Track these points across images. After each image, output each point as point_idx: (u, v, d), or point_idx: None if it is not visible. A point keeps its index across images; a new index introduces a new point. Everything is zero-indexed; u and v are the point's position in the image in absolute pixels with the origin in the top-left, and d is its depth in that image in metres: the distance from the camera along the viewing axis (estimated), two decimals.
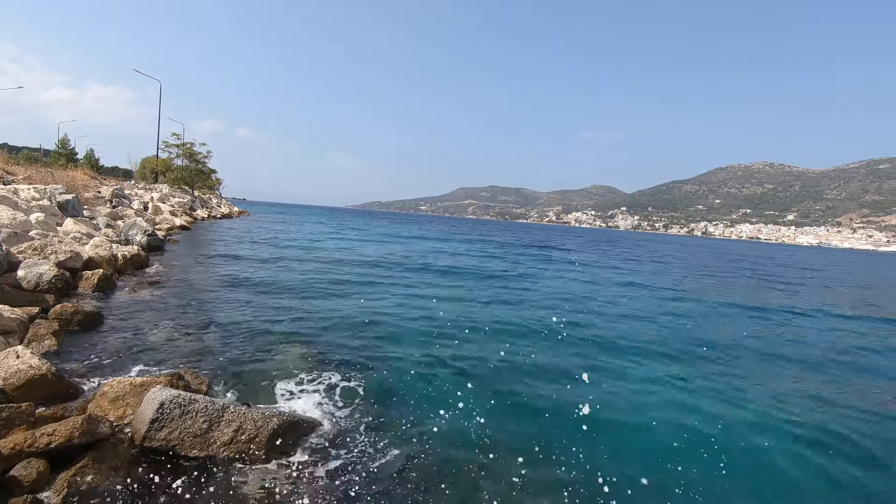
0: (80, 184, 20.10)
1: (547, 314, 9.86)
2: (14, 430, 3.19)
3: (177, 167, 45.71)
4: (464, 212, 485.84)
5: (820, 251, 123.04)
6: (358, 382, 5.24)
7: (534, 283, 14.93)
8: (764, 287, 19.11)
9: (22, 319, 5.35)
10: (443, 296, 11.26)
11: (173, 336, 6.24)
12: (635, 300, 12.93)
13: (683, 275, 21.86)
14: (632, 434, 4.65)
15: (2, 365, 3.87)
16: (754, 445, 4.60)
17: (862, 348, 9.05)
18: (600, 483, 3.58)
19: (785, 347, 8.62)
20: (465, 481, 3.60)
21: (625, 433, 4.65)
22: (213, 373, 5.09)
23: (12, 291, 6.42)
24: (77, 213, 13.67)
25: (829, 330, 10.80)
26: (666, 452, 4.28)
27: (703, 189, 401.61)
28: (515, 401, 5.21)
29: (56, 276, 7.09)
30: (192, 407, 3.57)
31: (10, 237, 7.98)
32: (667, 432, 4.69)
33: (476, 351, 6.84)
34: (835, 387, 6.62)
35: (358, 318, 8.20)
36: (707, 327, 10.01)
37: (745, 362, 7.51)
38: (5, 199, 10.14)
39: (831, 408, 5.74)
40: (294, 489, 3.26)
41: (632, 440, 4.54)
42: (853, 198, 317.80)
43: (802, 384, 6.64)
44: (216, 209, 44.09)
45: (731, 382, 6.37)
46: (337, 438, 4.00)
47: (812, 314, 12.67)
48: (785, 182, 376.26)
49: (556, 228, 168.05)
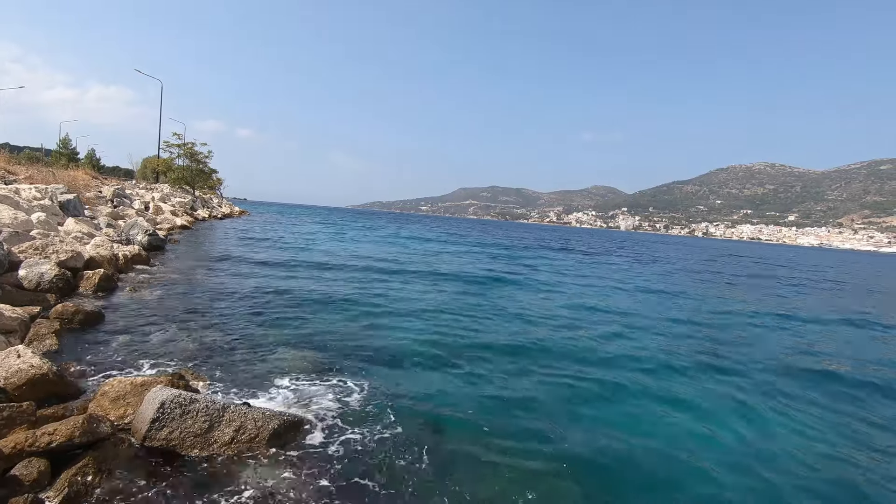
0: (81, 184, 20.10)
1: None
2: (15, 430, 3.19)
3: (178, 167, 45.70)
4: (464, 212, 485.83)
5: (822, 252, 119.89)
6: (359, 384, 5.24)
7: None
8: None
9: (23, 319, 5.35)
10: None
11: (174, 336, 6.24)
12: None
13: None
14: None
15: (3, 364, 3.87)
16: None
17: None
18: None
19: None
20: (471, 484, 3.60)
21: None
22: (213, 373, 5.09)
23: (13, 291, 6.42)
24: (78, 212, 13.68)
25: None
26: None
27: (704, 190, 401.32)
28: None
29: (57, 276, 7.10)
30: (192, 407, 3.57)
31: (11, 237, 7.99)
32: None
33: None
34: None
35: (361, 320, 8.22)
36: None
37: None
38: (7, 199, 10.15)
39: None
40: (294, 489, 3.26)
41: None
42: (854, 198, 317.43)
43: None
44: (217, 209, 44.12)
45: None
46: (337, 439, 3.99)
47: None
48: (786, 183, 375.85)
49: (560, 229, 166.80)
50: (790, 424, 5.30)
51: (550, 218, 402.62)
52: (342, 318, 8.19)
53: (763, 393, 6.20)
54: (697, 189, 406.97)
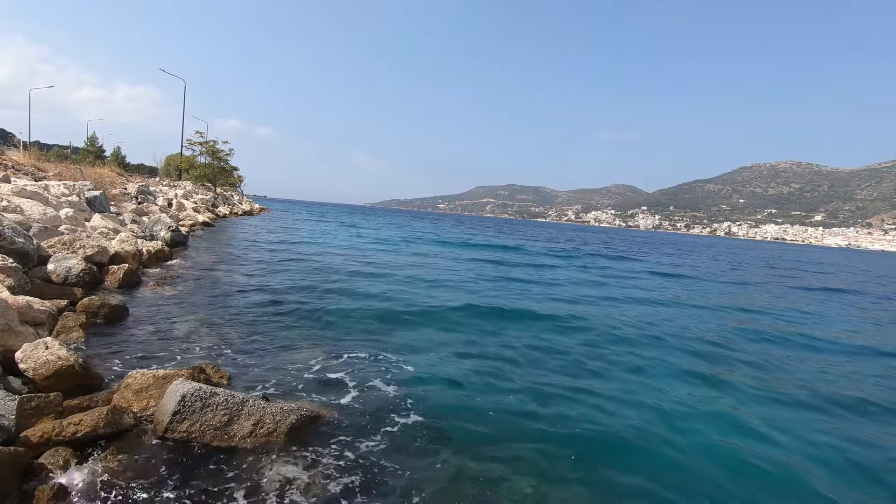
0: (107, 180, 20.62)
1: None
2: (42, 419, 3.27)
3: (200, 165, 46.61)
4: (482, 210, 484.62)
5: (858, 254, 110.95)
6: (380, 380, 5.25)
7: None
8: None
9: (51, 312, 5.50)
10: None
11: (195, 330, 6.35)
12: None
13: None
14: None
15: (32, 356, 3.98)
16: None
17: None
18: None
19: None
20: (493, 481, 3.57)
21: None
22: (233, 367, 5.16)
23: (42, 284, 6.61)
24: (104, 208, 14.03)
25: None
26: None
27: (727, 188, 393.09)
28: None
29: (84, 270, 7.28)
30: (212, 400, 3.62)
31: (40, 232, 8.22)
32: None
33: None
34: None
35: (385, 317, 8.20)
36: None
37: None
38: (37, 195, 10.45)
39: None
40: (312, 482, 3.27)
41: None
42: (885, 198, 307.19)
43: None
44: (238, 206, 44.80)
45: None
46: (356, 433, 4.01)
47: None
48: (812, 182, 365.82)
49: (588, 229, 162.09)
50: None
51: (569, 217, 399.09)
52: (364, 314, 8.20)
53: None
54: (720, 188, 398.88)
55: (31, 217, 9.08)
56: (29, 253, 6.90)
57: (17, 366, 3.97)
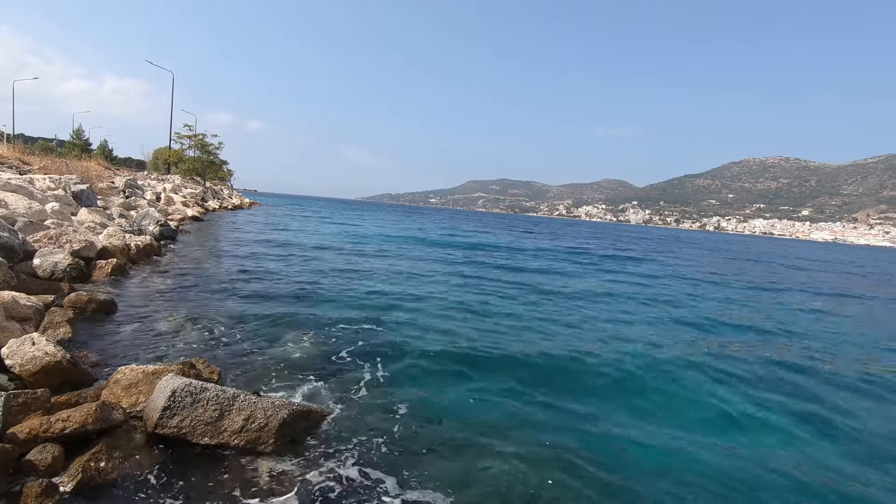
0: (94, 174, 20.34)
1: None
2: (30, 416, 3.24)
3: (189, 158, 46.08)
4: (473, 204, 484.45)
5: (850, 249, 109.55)
6: (369, 373, 5.26)
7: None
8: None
9: (37, 307, 5.42)
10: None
11: (185, 325, 6.31)
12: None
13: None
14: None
15: (18, 352, 3.93)
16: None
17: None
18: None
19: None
20: (483, 472, 3.60)
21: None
22: (224, 362, 5.13)
23: (28, 279, 6.52)
24: (91, 202, 13.84)
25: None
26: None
27: (717, 183, 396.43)
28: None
29: (71, 265, 7.19)
30: (203, 395, 3.60)
31: (26, 226, 8.10)
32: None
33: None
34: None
35: (377, 314, 8.12)
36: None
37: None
38: (22, 189, 10.28)
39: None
40: (303, 477, 3.28)
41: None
42: (871, 193, 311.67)
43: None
44: (228, 200, 44.42)
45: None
46: (347, 427, 4.02)
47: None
48: (800, 177, 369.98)
49: (574, 223, 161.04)
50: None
51: (560, 211, 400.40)
52: (356, 312, 8.16)
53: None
54: (709, 183, 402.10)
55: (16, 211, 8.94)
56: (14, 247, 6.80)
57: (2, 362, 3.92)
